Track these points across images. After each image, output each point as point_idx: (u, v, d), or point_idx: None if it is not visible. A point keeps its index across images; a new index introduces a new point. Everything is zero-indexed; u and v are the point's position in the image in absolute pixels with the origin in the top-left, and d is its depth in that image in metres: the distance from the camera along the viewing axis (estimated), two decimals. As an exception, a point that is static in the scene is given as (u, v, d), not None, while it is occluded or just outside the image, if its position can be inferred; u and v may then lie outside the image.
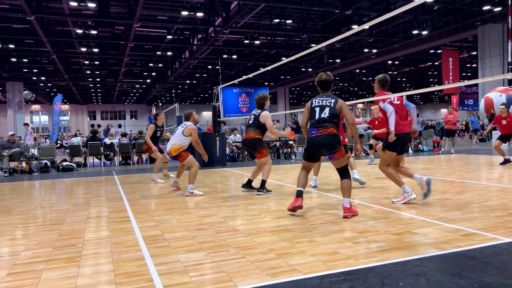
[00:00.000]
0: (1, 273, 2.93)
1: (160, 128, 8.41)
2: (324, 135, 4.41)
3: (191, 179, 6.37)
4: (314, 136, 4.48)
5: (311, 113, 4.62)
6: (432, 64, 33.00)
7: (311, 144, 4.53)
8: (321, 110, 4.53)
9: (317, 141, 4.45)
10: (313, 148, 4.54)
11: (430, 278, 2.57)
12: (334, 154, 4.43)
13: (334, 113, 4.50)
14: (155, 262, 3.07)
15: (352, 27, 18.82)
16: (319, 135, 4.44)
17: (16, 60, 25.63)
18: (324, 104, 4.56)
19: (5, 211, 5.49)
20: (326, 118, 4.47)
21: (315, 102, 4.63)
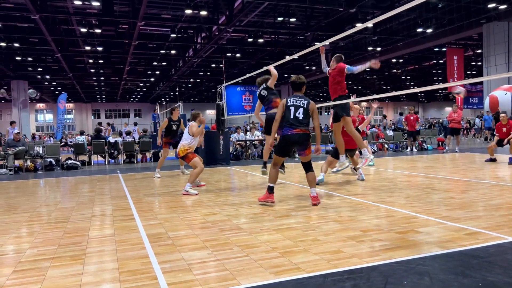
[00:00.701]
0: (7, 270, 2.96)
1: (175, 122, 8.92)
2: (300, 134, 5.03)
3: (191, 179, 6.39)
4: (290, 134, 5.04)
5: (286, 111, 5.13)
6: (437, 62, 32.83)
7: (287, 141, 5.09)
8: (296, 109, 5.09)
9: (293, 139, 5.04)
10: (288, 145, 5.13)
11: (434, 277, 2.56)
12: (305, 151, 5.11)
13: (307, 113, 5.12)
14: (159, 260, 3.08)
15: (356, 25, 18.76)
16: (295, 134, 5.03)
17: (21, 59, 25.75)
18: (298, 104, 5.13)
19: (10, 209, 5.54)
20: (301, 119, 5.07)
21: (290, 101, 5.16)
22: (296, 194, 6.03)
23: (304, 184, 7.05)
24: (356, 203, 5.13)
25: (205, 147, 11.76)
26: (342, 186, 6.73)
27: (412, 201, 5.15)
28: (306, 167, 5.20)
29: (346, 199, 5.48)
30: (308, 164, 5.18)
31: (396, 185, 6.65)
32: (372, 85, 47.95)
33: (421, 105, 67.40)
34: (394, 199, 5.33)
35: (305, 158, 5.17)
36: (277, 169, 5.23)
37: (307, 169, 5.20)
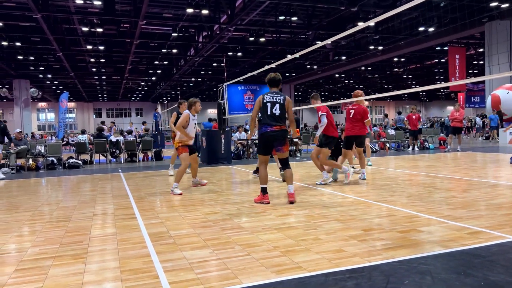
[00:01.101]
0: (9, 269, 2.97)
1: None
2: (279, 131, 5.13)
3: (176, 178, 6.34)
4: (269, 131, 5.12)
5: (263, 107, 5.21)
6: (439, 61, 32.77)
7: (266, 138, 5.17)
8: (272, 105, 5.17)
9: (272, 136, 5.14)
10: (268, 142, 5.19)
11: (436, 276, 2.56)
12: (283, 147, 5.21)
13: (283, 109, 5.20)
14: (160, 259, 3.09)
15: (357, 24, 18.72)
16: (274, 130, 5.12)
17: (23, 58, 25.82)
18: (275, 100, 5.21)
19: (12, 208, 5.55)
20: (277, 115, 5.15)
21: (267, 98, 5.23)
22: (297, 193, 6.03)
23: (306, 182, 7.05)
24: (357, 202, 5.13)
25: (207, 146, 11.78)
26: (344, 185, 6.72)
27: (413, 200, 5.14)
28: (284, 164, 5.31)
29: (348, 198, 5.48)
30: (286, 160, 5.29)
31: (397, 184, 6.64)
32: (374, 84, 47.89)
33: (423, 104, 67.32)
34: (395, 198, 5.32)
35: (283, 155, 5.27)
36: (266, 169, 5.28)
37: (284, 165, 5.32)
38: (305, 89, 51.58)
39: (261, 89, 17.91)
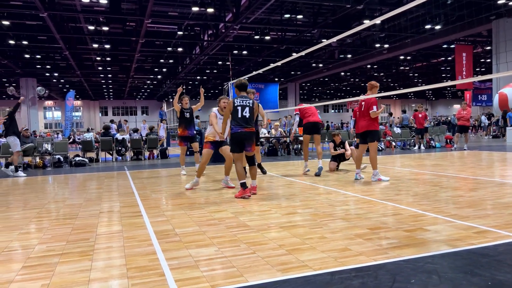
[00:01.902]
0: (16, 266, 2.99)
1: (187, 110, 8.78)
2: (249, 132, 5.62)
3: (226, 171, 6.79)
4: (240, 132, 5.58)
5: (234, 111, 5.63)
6: (445, 59, 32.54)
7: (237, 138, 5.61)
8: (243, 109, 5.62)
9: (243, 136, 5.59)
10: (240, 141, 5.62)
11: (443, 276, 2.54)
12: (251, 147, 5.69)
13: (252, 113, 5.69)
14: (166, 256, 3.10)
15: (363, 22, 18.64)
16: (245, 131, 5.58)
17: (30, 57, 26.00)
18: (245, 104, 5.66)
19: (19, 205, 5.59)
20: (247, 118, 5.62)
21: (237, 102, 5.66)
22: (304, 191, 6.02)
23: (312, 181, 7.04)
24: (363, 201, 5.11)
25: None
26: (349, 184, 6.71)
27: (420, 199, 5.12)
28: (250, 161, 5.83)
29: (353, 196, 5.46)
30: (252, 158, 5.83)
31: (403, 183, 6.61)
32: (380, 82, 47.65)
33: (429, 103, 66.92)
34: (401, 197, 5.30)
35: (250, 153, 5.78)
36: (241, 166, 5.69)
37: (250, 163, 5.84)
38: (311, 88, 51.45)
39: (266, 87, 17.89)
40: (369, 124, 6.90)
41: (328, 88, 52.15)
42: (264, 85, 18.40)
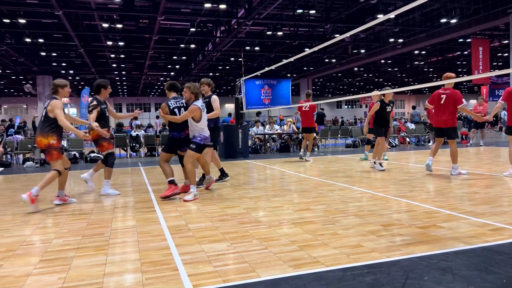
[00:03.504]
0: (34, 259, 3.07)
1: None
2: (187, 135, 5.62)
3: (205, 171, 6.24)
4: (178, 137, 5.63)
5: (171, 113, 5.59)
6: (461, 54, 31.94)
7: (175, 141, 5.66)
8: (179, 110, 5.62)
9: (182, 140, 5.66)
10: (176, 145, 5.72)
11: (457, 273, 2.52)
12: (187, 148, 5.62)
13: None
14: (179, 251, 3.13)
15: (377, 17, 18.41)
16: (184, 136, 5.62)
17: (46, 54, 26.42)
18: (179, 105, 5.68)
19: (37, 200, 5.70)
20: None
21: (172, 103, 5.66)
22: (316, 187, 6.01)
23: (325, 178, 7.02)
24: (376, 197, 5.08)
25: (224, 141, 11.83)
26: (363, 180, 6.66)
27: (434, 196, 5.06)
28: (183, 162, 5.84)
29: (366, 193, 5.43)
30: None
31: (417, 179, 6.54)
32: (394, 77, 47.09)
33: (445, 98, 65.80)
34: (415, 194, 5.24)
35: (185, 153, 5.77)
36: (168, 165, 5.67)
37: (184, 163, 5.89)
38: (323, 83, 51.12)
39: (278, 84, 17.82)
40: (450, 120, 6.71)
41: (341, 83, 51.73)
42: (277, 81, 18.33)
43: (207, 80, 6.87)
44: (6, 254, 3.22)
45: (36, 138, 5.09)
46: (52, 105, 5.02)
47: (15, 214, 4.77)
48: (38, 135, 5.05)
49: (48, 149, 5.01)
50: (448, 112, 6.70)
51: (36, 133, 5.14)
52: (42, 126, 5.02)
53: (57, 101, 5.11)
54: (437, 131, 7.02)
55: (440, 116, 6.81)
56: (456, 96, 6.66)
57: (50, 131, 4.99)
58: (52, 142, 4.98)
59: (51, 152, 5.03)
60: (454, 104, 6.67)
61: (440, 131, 6.93)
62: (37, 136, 5.07)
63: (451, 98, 6.67)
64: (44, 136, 4.97)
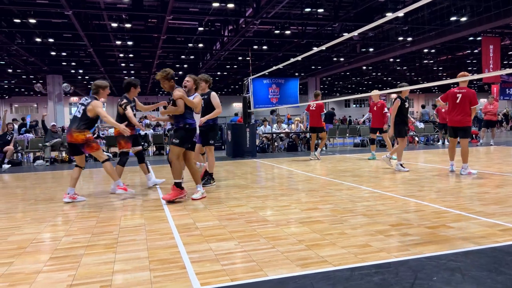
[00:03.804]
0: (44, 257, 3.10)
1: None
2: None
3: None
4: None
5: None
6: (471, 52, 31.57)
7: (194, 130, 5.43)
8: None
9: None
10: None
11: (466, 274, 2.50)
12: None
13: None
14: (187, 250, 3.15)
15: (386, 15, 18.27)
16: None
17: (56, 54, 26.66)
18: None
19: (47, 198, 5.78)
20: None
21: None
22: (324, 187, 5.99)
23: (333, 177, 7.00)
24: (384, 197, 5.05)
25: (232, 140, 11.85)
26: (371, 179, 6.63)
27: (443, 195, 5.02)
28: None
29: (375, 192, 5.40)
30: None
31: (426, 178, 6.49)
32: (403, 76, 46.74)
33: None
34: (424, 193, 5.20)
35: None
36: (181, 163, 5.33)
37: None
38: (331, 82, 50.89)
39: (286, 82, 17.79)
40: (464, 119, 6.72)
41: (349, 82, 51.44)
42: (284, 80, 18.30)
43: (204, 76, 6.61)
44: (17, 251, 3.26)
45: (72, 134, 5.32)
46: (93, 105, 5.41)
47: (26, 212, 4.83)
48: (74, 131, 5.31)
49: (87, 142, 5.36)
50: (463, 111, 6.71)
51: (71, 129, 5.35)
52: (79, 123, 5.33)
53: (97, 102, 5.50)
54: (451, 130, 7.02)
55: (455, 115, 6.81)
56: (472, 95, 6.69)
57: (86, 128, 5.35)
58: (89, 135, 5.39)
59: (91, 144, 5.42)
60: (470, 103, 6.68)
61: (455, 130, 6.93)
62: (73, 132, 5.32)
63: (467, 97, 6.67)
64: (81, 132, 5.32)
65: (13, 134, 11.53)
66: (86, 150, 5.48)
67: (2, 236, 3.74)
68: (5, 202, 5.54)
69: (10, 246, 3.40)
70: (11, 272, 2.79)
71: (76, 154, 5.63)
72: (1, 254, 3.19)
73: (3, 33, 20.29)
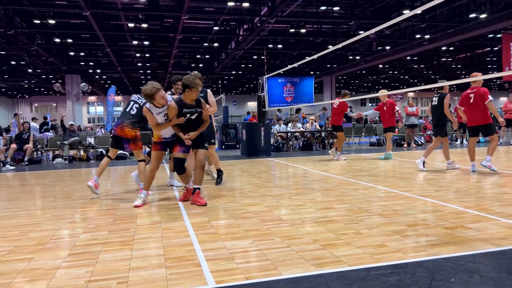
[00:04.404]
0: (63, 253, 3.17)
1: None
2: None
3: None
4: None
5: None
6: (491, 50, 30.88)
7: None
8: None
9: None
10: None
11: (485, 275, 2.45)
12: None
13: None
14: (202, 248, 3.17)
15: (403, 13, 18.00)
16: None
17: (74, 54, 27.14)
18: None
19: (66, 196, 5.90)
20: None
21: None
22: (339, 186, 5.95)
23: (348, 176, 6.94)
24: (401, 197, 4.99)
25: (246, 139, 11.87)
26: (387, 179, 6.56)
27: (461, 196, 4.93)
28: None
29: (391, 192, 5.34)
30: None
31: (444, 178, 6.38)
32: (420, 74, 46.01)
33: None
34: (442, 193, 5.12)
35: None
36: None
37: None
38: (347, 81, 50.45)
39: (301, 81, 17.72)
40: (483, 117, 6.75)
41: (365, 81, 50.91)
42: (299, 78, 18.22)
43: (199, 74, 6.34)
44: (37, 247, 3.34)
45: (124, 129, 5.47)
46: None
47: (45, 209, 4.94)
48: (127, 127, 5.46)
49: (135, 139, 5.52)
50: (479, 109, 6.75)
51: (123, 123, 5.48)
52: (133, 120, 5.48)
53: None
54: (471, 130, 7.04)
55: (473, 115, 6.87)
56: (482, 93, 6.71)
57: (138, 126, 5.54)
58: (138, 134, 5.56)
59: (137, 142, 5.57)
60: (482, 100, 6.70)
61: (475, 130, 6.96)
62: (125, 127, 5.46)
63: (478, 95, 6.73)
64: (133, 129, 5.48)
65: (30, 133, 11.78)
66: (130, 146, 5.61)
67: (22, 232, 3.84)
68: (25, 200, 5.68)
69: (30, 242, 3.48)
70: (31, 267, 2.86)
71: (116, 147, 5.82)
72: (22, 250, 3.27)
73: (24, 34, 20.76)
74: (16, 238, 3.63)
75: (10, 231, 3.90)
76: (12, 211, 4.85)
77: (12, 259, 3.04)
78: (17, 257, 3.08)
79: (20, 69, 32.24)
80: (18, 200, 5.65)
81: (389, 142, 9.95)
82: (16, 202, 5.49)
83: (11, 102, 51.67)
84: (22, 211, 4.83)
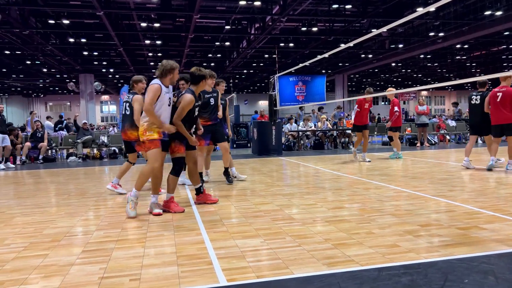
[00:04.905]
0: (77, 250, 3.22)
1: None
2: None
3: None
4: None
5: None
6: (507, 47, 30.30)
7: None
8: None
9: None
10: None
11: (500, 277, 2.41)
12: None
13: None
14: (214, 246, 3.19)
15: (416, 10, 17.78)
16: None
17: (88, 54, 27.49)
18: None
19: (80, 193, 5.99)
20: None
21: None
22: (351, 185, 5.92)
23: (360, 176, 6.90)
24: (414, 196, 4.94)
25: (258, 137, 11.87)
26: (399, 178, 6.49)
27: (476, 196, 4.85)
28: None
29: (403, 192, 5.29)
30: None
31: (458, 178, 6.30)
32: (434, 73, 45.42)
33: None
34: (455, 193, 5.05)
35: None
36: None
37: None
38: (359, 79, 50.08)
39: (313, 80, 17.64)
40: (510, 117, 6.75)
41: (378, 79, 50.45)
42: (311, 77, 18.14)
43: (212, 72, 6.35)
44: (52, 244, 3.39)
45: (126, 132, 5.56)
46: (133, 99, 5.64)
47: (60, 207, 5.02)
48: (128, 130, 5.53)
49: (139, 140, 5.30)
50: (507, 108, 6.76)
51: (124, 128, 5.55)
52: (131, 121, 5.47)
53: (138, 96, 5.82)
54: (496, 129, 6.97)
55: (499, 114, 6.84)
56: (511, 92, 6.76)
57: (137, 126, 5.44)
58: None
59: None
60: (511, 101, 6.74)
61: (500, 129, 6.90)
62: (127, 130, 5.54)
63: (508, 95, 6.75)
64: (135, 130, 5.37)
65: (44, 131, 11.97)
66: (136, 147, 5.61)
67: (37, 229, 3.91)
68: (40, 197, 5.77)
69: (45, 239, 3.54)
70: (46, 264, 2.91)
71: (130, 152, 5.84)
72: (37, 247, 3.33)
73: (39, 34, 21.09)
74: (32, 235, 3.69)
75: (26, 227, 3.98)
76: (27, 208, 4.94)
77: (27, 255, 3.10)
78: (33, 253, 3.14)
79: (35, 68, 32.77)
80: (33, 197, 5.75)
81: (397, 141, 9.78)
82: (32, 199, 5.59)
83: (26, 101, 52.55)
84: (37, 208, 4.92)
